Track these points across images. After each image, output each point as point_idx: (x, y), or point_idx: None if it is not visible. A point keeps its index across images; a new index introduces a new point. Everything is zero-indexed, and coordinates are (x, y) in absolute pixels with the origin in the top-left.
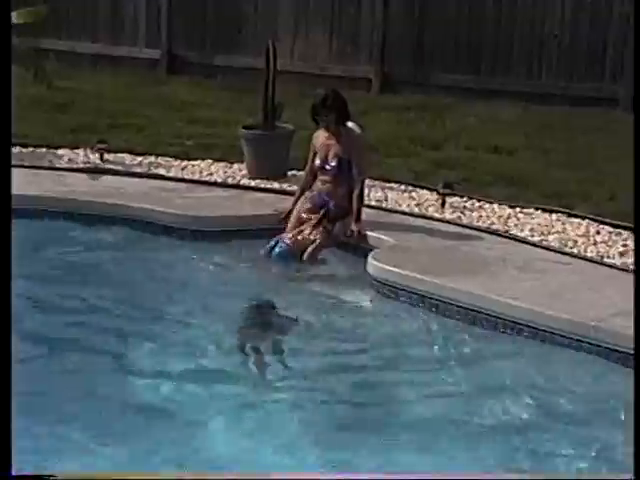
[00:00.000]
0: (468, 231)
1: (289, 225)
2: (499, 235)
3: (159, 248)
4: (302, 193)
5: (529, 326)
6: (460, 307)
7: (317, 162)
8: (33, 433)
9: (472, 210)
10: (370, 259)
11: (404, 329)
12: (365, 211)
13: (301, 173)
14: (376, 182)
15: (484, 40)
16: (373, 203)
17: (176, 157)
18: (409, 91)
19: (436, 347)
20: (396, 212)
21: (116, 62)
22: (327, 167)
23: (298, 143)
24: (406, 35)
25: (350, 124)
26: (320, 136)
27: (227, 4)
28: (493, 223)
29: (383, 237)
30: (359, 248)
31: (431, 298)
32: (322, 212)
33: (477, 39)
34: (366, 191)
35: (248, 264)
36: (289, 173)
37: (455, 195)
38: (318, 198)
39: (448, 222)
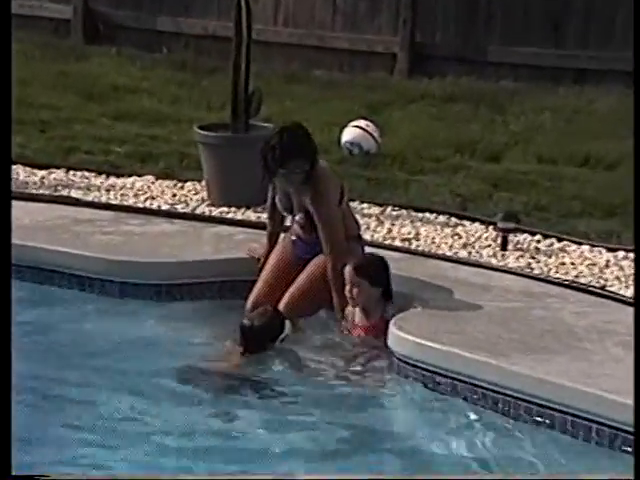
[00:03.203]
0: (543, 286)
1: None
2: (592, 293)
3: (64, 314)
4: (273, 236)
5: None
6: (532, 404)
7: (280, 208)
8: None
9: (549, 254)
10: (392, 327)
11: (443, 442)
12: (385, 255)
13: None
14: (402, 211)
15: None
16: (398, 243)
17: (98, 171)
18: (453, 72)
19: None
20: (432, 257)
21: None
22: (296, 218)
23: None
24: None
25: (366, 124)
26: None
27: None
28: (582, 274)
29: (413, 294)
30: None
31: (486, 389)
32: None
33: None
34: (387, 226)
35: (212, 348)
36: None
37: (523, 232)
38: (300, 247)
39: (512, 272)
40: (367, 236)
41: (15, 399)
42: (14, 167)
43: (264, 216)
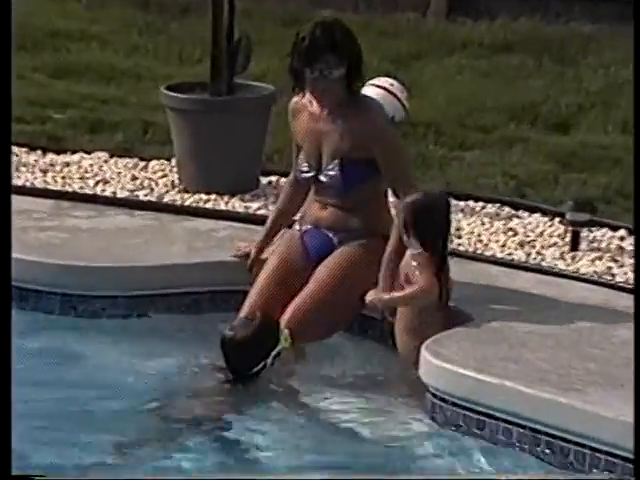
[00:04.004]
0: (628, 299)
1: (263, 282)
2: None
3: None
4: (281, 219)
5: None
6: (615, 456)
7: (303, 167)
8: None
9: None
10: (425, 352)
11: None
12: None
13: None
14: None
15: None
16: None
17: (31, 146)
18: (507, 12)
19: None
20: (478, 259)
21: None
22: (323, 178)
23: (283, 120)
24: None
25: (390, 84)
26: (303, 111)
27: None
28: None
29: (452, 307)
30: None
31: (553, 436)
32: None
33: None
34: None
35: (182, 377)
36: (263, 180)
37: (600, 225)
38: (314, 238)
39: (587, 280)
40: None
41: None
42: None
43: (255, 205)
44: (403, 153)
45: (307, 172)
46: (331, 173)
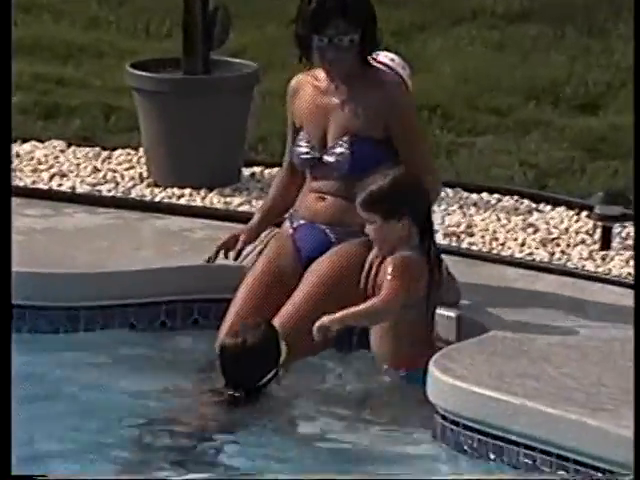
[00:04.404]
0: None
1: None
2: None
3: None
4: (270, 215)
5: None
6: None
7: (302, 148)
8: None
9: None
10: (432, 367)
11: None
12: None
13: (274, 172)
14: (447, 191)
15: None
16: (441, 239)
17: None
18: None
19: None
20: (494, 260)
21: None
22: (328, 158)
23: (268, 103)
24: None
25: (390, 59)
26: (306, 88)
27: None
28: None
29: (463, 318)
30: None
31: (580, 463)
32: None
33: None
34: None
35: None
36: (246, 172)
37: (634, 221)
38: (308, 237)
39: (619, 283)
40: None
41: None
42: None
43: (236, 201)
44: (423, 134)
45: (307, 154)
46: (338, 150)
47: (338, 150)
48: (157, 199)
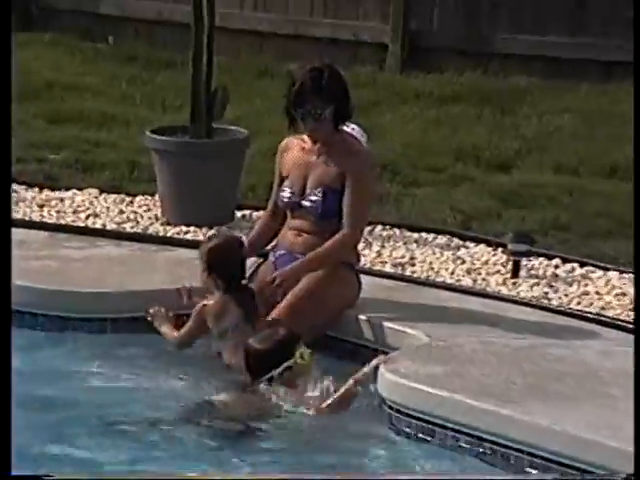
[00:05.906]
0: (562, 320)
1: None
2: (620, 329)
3: None
4: (254, 245)
5: None
6: (551, 462)
7: (285, 193)
8: None
9: (570, 282)
10: (383, 369)
11: None
12: (374, 282)
13: (260, 214)
14: (394, 230)
15: None
16: (389, 268)
17: (30, 183)
18: (454, 67)
19: None
20: (430, 285)
21: None
22: (305, 203)
23: (256, 161)
24: None
25: (352, 128)
26: (293, 147)
27: None
28: (609, 306)
29: (406, 330)
30: (362, 346)
31: (495, 443)
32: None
33: None
34: (375, 248)
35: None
36: (238, 214)
37: (538, 255)
38: (287, 262)
39: (526, 304)
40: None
41: None
42: None
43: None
44: (368, 194)
45: (289, 198)
46: (314, 198)
47: (313, 198)
48: (169, 235)
